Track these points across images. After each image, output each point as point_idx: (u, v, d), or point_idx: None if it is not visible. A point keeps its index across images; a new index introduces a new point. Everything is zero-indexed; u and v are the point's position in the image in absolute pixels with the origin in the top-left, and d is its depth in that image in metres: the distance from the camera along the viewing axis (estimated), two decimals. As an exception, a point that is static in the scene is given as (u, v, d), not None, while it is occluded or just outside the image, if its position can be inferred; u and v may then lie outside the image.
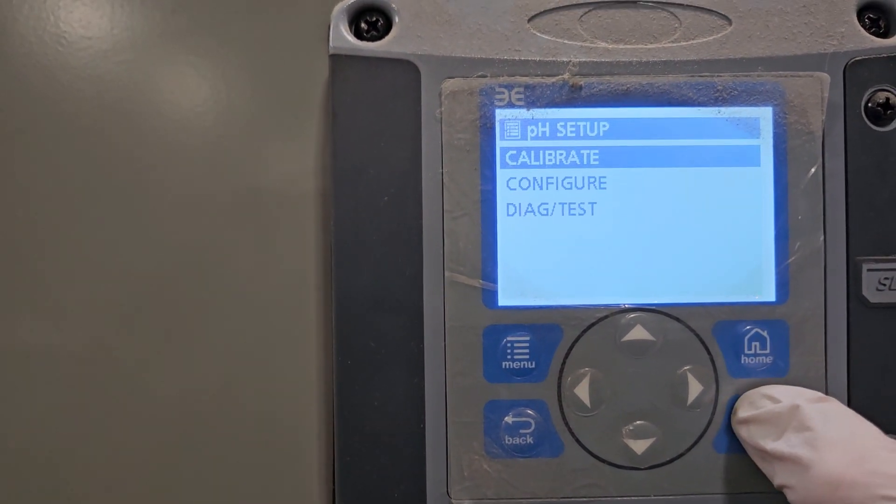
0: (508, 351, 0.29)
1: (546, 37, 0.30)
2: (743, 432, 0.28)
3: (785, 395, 0.28)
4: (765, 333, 0.29)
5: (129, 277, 0.32)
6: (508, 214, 0.29)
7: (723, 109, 0.30)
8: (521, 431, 0.29)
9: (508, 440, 0.29)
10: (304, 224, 0.32)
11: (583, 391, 0.29)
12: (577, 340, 0.29)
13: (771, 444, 0.27)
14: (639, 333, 0.29)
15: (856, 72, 0.30)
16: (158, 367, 0.32)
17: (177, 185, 0.32)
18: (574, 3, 0.30)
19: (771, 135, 0.30)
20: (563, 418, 0.29)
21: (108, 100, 0.32)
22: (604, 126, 0.30)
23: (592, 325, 0.29)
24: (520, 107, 0.29)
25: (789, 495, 0.26)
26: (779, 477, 0.26)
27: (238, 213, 0.32)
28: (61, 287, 0.32)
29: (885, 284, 0.30)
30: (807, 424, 0.26)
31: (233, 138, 0.32)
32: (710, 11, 0.30)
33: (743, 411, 0.29)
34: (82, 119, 0.32)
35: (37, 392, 0.32)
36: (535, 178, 0.30)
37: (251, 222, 0.32)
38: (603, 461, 0.29)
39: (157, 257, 0.32)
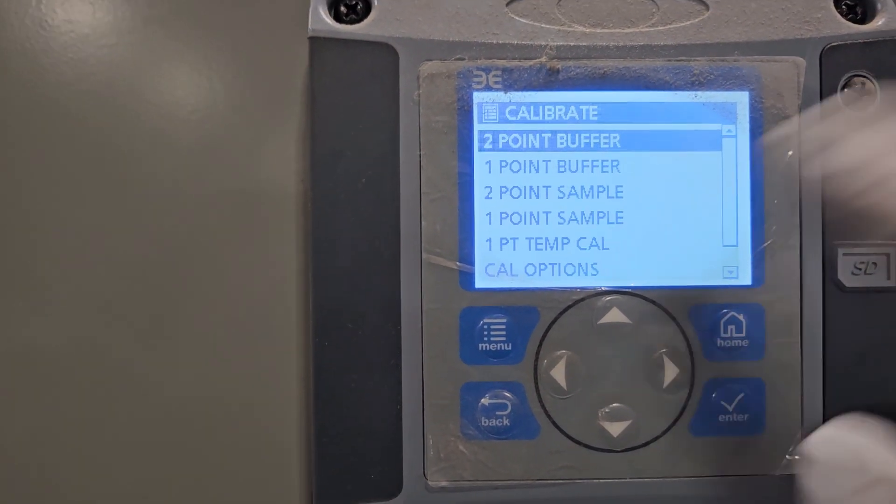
0: (485, 333, 0.29)
1: (524, 20, 0.30)
2: (804, 473, 0.23)
3: (875, 453, 0.23)
4: (741, 317, 0.30)
5: (112, 269, 0.32)
6: (486, 197, 0.30)
7: (699, 93, 0.30)
8: (498, 413, 0.29)
9: (485, 422, 0.29)
10: (286, 215, 0.32)
11: (559, 373, 0.29)
12: (553, 323, 0.29)
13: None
14: (615, 316, 0.29)
15: (832, 57, 0.30)
16: (143, 358, 0.32)
17: (161, 176, 0.32)
18: (552, -13, 0.30)
19: (747, 119, 0.30)
20: (540, 400, 0.29)
21: (89, 85, 0.32)
22: (581, 110, 0.30)
23: (569, 307, 0.29)
24: (497, 90, 0.30)
25: None
26: None
27: (220, 205, 0.32)
28: (42, 282, 0.32)
29: (860, 269, 0.30)
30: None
31: (217, 126, 0.32)
32: (687, -4, 0.30)
33: (816, 451, 0.23)
34: (63, 105, 0.32)
35: (24, 390, 0.32)
36: (512, 161, 0.30)
37: (233, 213, 0.32)
38: (579, 443, 0.29)
39: (140, 247, 0.32)
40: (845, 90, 0.30)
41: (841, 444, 0.23)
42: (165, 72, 0.33)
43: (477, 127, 0.30)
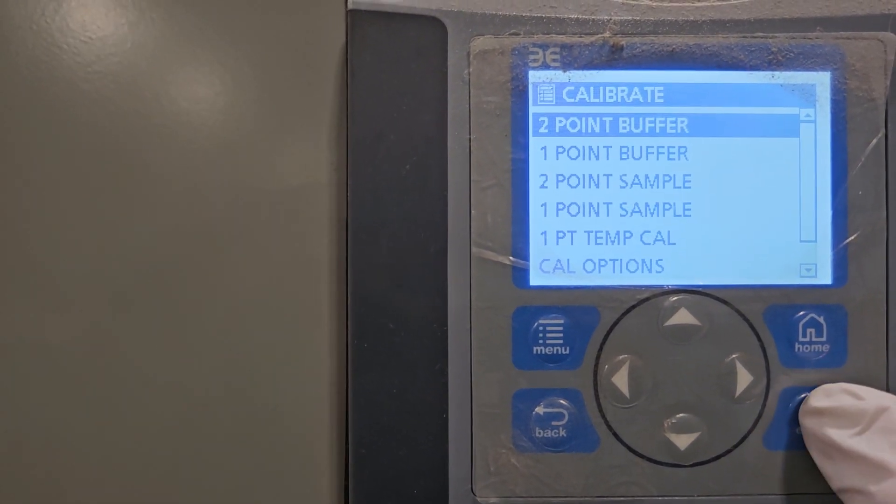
0: (540, 335, 0.27)
1: (584, -8, 0.27)
2: (810, 423, 0.26)
3: (870, 394, 0.25)
4: (821, 319, 0.27)
5: (139, 268, 0.30)
6: (541, 186, 0.27)
7: (777, 74, 0.27)
8: (553, 423, 0.27)
9: (539, 433, 0.27)
10: (318, 214, 0.30)
11: (621, 380, 0.27)
12: (615, 324, 0.27)
13: (848, 441, 0.24)
14: (683, 317, 0.27)
15: (923, 34, 0.27)
16: (166, 359, 0.30)
17: (187, 168, 0.30)
18: (615, -43, 0.27)
19: (829, 102, 0.27)
20: (600, 409, 0.27)
21: (106, 74, 0.30)
22: (647, 91, 0.27)
23: (632, 307, 0.27)
24: (555, 68, 0.27)
25: (858, 500, 0.23)
26: (848, 479, 0.24)
27: (247, 203, 0.30)
28: (70, 282, 0.30)
29: (952, 267, 0.27)
30: (894, 423, 0.24)
31: (244, 112, 0.30)
32: (763, -33, 0.27)
33: (817, 401, 0.26)
34: (83, 114, 0.30)
35: (36, 384, 0.30)
36: (570, 147, 0.27)
37: (261, 213, 0.30)
38: (642, 457, 0.27)
39: (165, 249, 0.30)
40: (936, 71, 0.27)
41: (837, 391, 0.26)
42: (190, 56, 0.30)
43: (532, 109, 0.27)
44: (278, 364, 0.30)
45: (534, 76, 0.27)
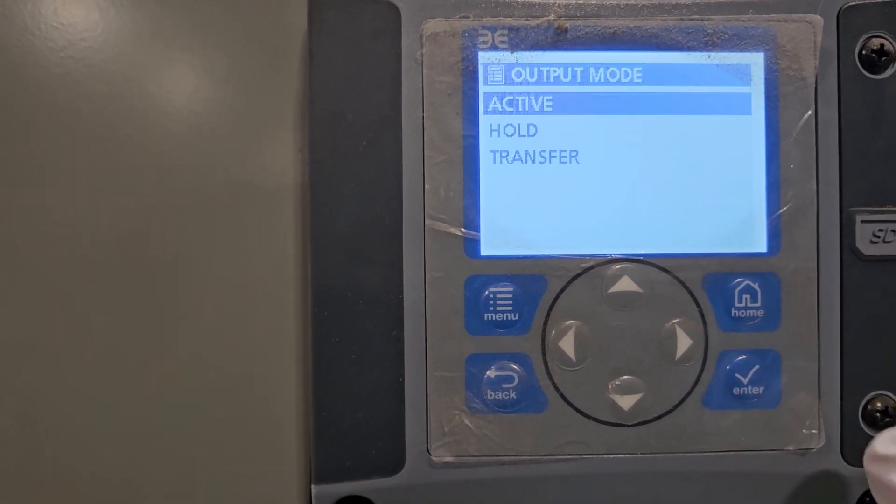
0: (491, 302, 0.28)
1: (531, -22, 0.29)
2: (876, 469, 0.25)
3: None
4: (756, 286, 0.29)
5: (108, 252, 0.31)
6: (492, 162, 0.28)
7: (713, 55, 0.29)
8: (504, 386, 0.28)
9: (491, 395, 0.28)
10: (284, 194, 0.31)
11: (567, 344, 0.28)
12: (561, 292, 0.28)
13: None
14: (626, 285, 0.28)
15: (850, 17, 0.29)
16: (138, 336, 0.31)
17: (152, 155, 0.31)
18: (560, -56, 0.29)
19: (762, 81, 0.29)
20: (548, 373, 0.28)
21: (85, 73, 0.31)
22: (590, 71, 0.29)
23: (578, 275, 0.28)
24: (503, 50, 0.28)
25: None
26: None
27: (216, 185, 0.31)
28: (39, 279, 0.31)
29: (879, 236, 0.29)
30: None
31: (211, 113, 0.31)
32: (700, -46, 0.29)
33: (884, 447, 0.25)
34: (55, 98, 0.31)
35: (14, 384, 0.31)
36: (519, 125, 0.29)
37: (230, 194, 0.31)
38: (588, 417, 0.28)
39: (136, 231, 0.31)
40: (863, 52, 0.29)
41: None
42: (159, 41, 0.31)
43: (482, 88, 0.28)
44: (247, 336, 0.31)
45: (483, 57, 0.28)
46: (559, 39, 0.28)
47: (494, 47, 0.28)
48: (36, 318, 0.31)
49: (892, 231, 0.29)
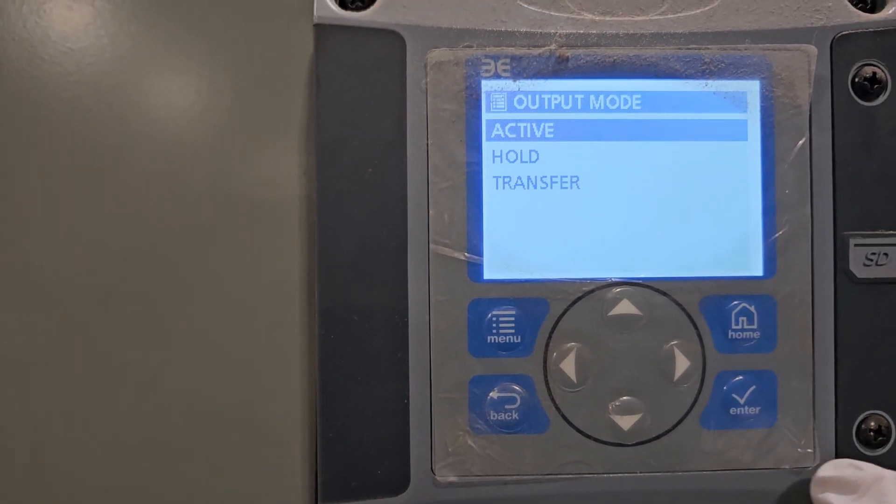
0: (494, 325, 0.29)
1: (533, 8, 0.29)
2: (815, 491, 0.28)
3: (870, 467, 0.28)
4: (752, 308, 0.29)
5: (116, 270, 0.31)
6: (494, 187, 0.29)
7: (710, 82, 0.29)
8: (507, 407, 0.29)
9: (494, 416, 0.29)
10: (290, 216, 0.32)
11: (569, 366, 0.29)
12: (563, 314, 0.29)
13: None
14: (625, 308, 0.29)
15: (843, 46, 0.29)
16: (142, 355, 0.31)
17: (161, 171, 0.32)
18: (561, -26, 0.29)
19: (758, 108, 0.29)
20: (549, 394, 0.29)
21: (84, 83, 0.32)
22: (591, 98, 0.29)
23: (579, 298, 0.29)
24: (506, 78, 0.29)
25: None
26: None
27: (222, 207, 0.32)
28: (42, 295, 0.31)
29: (872, 259, 0.29)
30: (887, 493, 0.26)
31: (217, 117, 0.32)
32: (697, -16, 0.30)
33: (824, 472, 0.28)
34: (63, 121, 0.32)
35: (15, 389, 0.31)
36: (521, 151, 0.29)
37: (236, 216, 0.32)
38: (589, 437, 0.29)
39: (143, 251, 0.31)
40: (856, 80, 0.30)
41: (844, 465, 0.28)
42: (167, 66, 0.32)
43: (485, 116, 0.29)
44: (253, 357, 0.31)
45: (486, 85, 0.29)
46: (560, 68, 0.29)
47: (497, 76, 0.29)
48: (37, 334, 0.31)
49: (885, 254, 0.30)
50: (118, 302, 0.31)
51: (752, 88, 0.29)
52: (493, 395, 0.29)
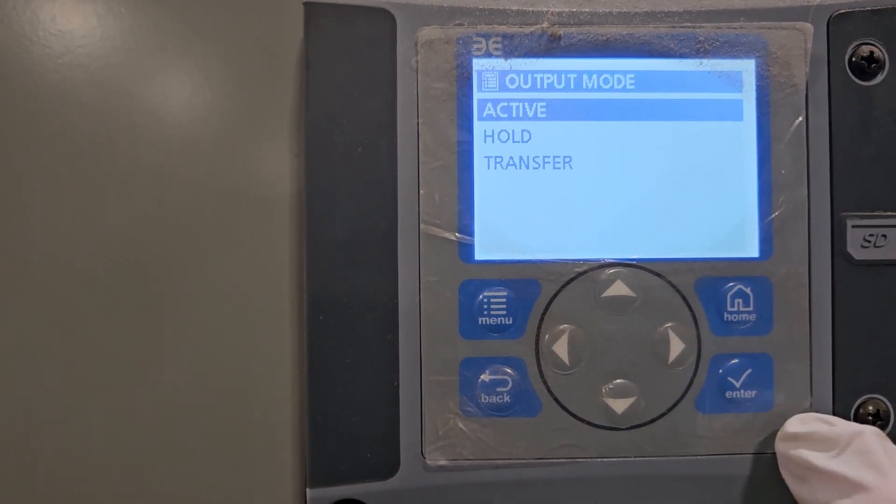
0: (485, 306, 0.28)
1: (525, -14, 0.29)
2: (784, 447, 0.28)
3: (842, 422, 0.27)
4: (748, 290, 0.29)
5: (106, 259, 0.31)
6: (486, 167, 0.29)
7: (704, 61, 0.29)
8: (498, 390, 0.28)
9: (485, 399, 0.28)
10: (281, 201, 0.31)
11: (561, 348, 0.28)
12: (555, 296, 0.29)
13: (826, 463, 0.25)
14: (619, 289, 0.29)
15: (840, 24, 0.29)
16: (134, 338, 0.31)
17: (149, 161, 0.31)
18: (553, -48, 0.29)
19: (754, 88, 0.29)
20: (541, 376, 0.29)
21: (80, 79, 0.31)
22: (583, 78, 0.29)
23: (571, 280, 0.29)
24: (497, 57, 0.29)
25: None
26: (823, 497, 0.25)
27: (213, 192, 0.31)
28: (31, 287, 0.31)
29: (869, 241, 0.29)
30: (871, 449, 0.25)
31: (208, 120, 0.31)
32: (691, -38, 0.29)
33: (793, 427, 0.28)
34: (52, 105, 0.31)
35: (15, 384, 0.31)
36: (513, 131, 0.29)
37: (227, 201, 0.31)
38: (582, 421, 0.29)
39: (128, 230, 0.31)
40: (853, 59, 0.29)
41: (811, 419, 0.28)
42: (156, 48, 0.32)
43: (477, 95, 0.29)
44: (242, 341, 0.31)
45: (477, 64, 0.29)
46: (553, 47, 0.29)
47: (489, 54, 0.29)
48: (29, 326, 0.31)
49: (883, 235, 0.29)
50: (107, 292, 0.31)
51: (747, 67, 0.29)
52: (485, 377, 0.28)
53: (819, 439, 0.26)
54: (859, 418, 0.29)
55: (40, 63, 0.31)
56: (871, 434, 0.26)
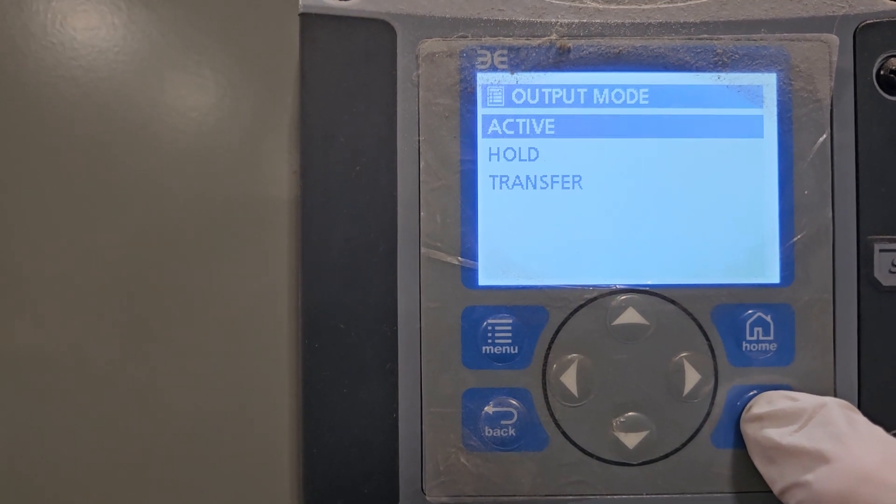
0: (489, 334, 0.27)
1: (532, -4, 0.27)
2: (751, 429, 0.26)
3: (808, 397, 0.26)
4: (768, 318, 0.27)
5: (101, 271, 0.30)
6: (491, 187, 0.27)
7: (723, 75, 0.27)
8: (503, 422, 0.27)
9: (488, 432, 0.27)
10: (277, 210, 0.30)
11: (570, 379, 0.27)
12: (563, 324, 0.27)
13: (787, 438, 0.24)
14: (631, 317, 0.27)
15: (867, 36, 0.27)
16: (131, 362, 0.30)
17: (148, 175, 0.30)
18: (563, -40, 0.28)
19: (775, 103, 0.27)
20: (549, 408, 0.27)
21: (80, 87, 0.30)
22: (594, 92, 0.27)
23: (581, 307, 0.27)
24: (503, 70, 0.27)
25: (798, 495, 0.24)
26: (789, 475, 0.24)
27: (212, 205, 0.30)
28: (38, 291, 0.30)
29: (898, 266, 0.27)
30: (833, 420, 0.24)
31: (207, 132, 0.31)
32: (709, -30, 0.28)
33: (759, 408, 0.26)
34: (53, 126, 0.30)
35: (11, 394, 0.30)
36: (519, 149, 0.27)
37: (221, 211, 0.30)
38: (591, 455, 0.27)
39: (128, 246, 0.30)
40: (881, 73, 0.27)
41: (778, 398, 0.26)
42: (150, 63, 0.31)
43: (481, 111, 0.27)
44: (241, 366, 0.30)
45: (482, 78, 0.27)
46: (561, 60, 0.27)
47: (494, 68, 0.27)
48: (25, 337, 0.30)
49: (913, 260, 0.27)
50: (102, 305, 0.30)
51: (768, 82, 0.27)
52: (489, 409, 0.27)
53: (783, 416, 0.25)
54: (887, 455, 0.27)
55: (34, 76, 0.30)
56: (833, 405, 0.25)
